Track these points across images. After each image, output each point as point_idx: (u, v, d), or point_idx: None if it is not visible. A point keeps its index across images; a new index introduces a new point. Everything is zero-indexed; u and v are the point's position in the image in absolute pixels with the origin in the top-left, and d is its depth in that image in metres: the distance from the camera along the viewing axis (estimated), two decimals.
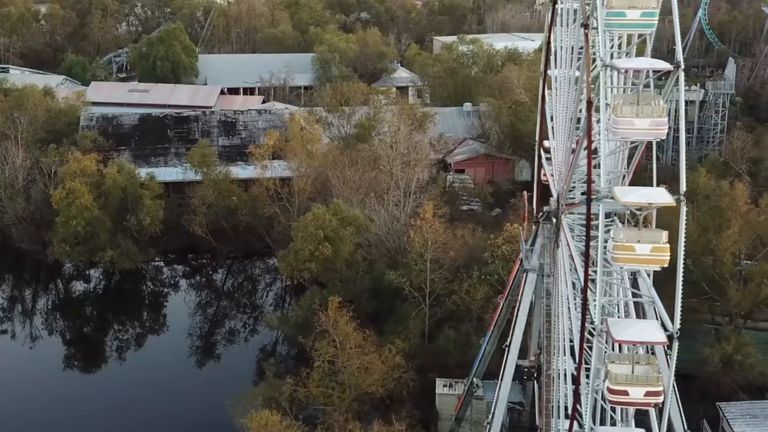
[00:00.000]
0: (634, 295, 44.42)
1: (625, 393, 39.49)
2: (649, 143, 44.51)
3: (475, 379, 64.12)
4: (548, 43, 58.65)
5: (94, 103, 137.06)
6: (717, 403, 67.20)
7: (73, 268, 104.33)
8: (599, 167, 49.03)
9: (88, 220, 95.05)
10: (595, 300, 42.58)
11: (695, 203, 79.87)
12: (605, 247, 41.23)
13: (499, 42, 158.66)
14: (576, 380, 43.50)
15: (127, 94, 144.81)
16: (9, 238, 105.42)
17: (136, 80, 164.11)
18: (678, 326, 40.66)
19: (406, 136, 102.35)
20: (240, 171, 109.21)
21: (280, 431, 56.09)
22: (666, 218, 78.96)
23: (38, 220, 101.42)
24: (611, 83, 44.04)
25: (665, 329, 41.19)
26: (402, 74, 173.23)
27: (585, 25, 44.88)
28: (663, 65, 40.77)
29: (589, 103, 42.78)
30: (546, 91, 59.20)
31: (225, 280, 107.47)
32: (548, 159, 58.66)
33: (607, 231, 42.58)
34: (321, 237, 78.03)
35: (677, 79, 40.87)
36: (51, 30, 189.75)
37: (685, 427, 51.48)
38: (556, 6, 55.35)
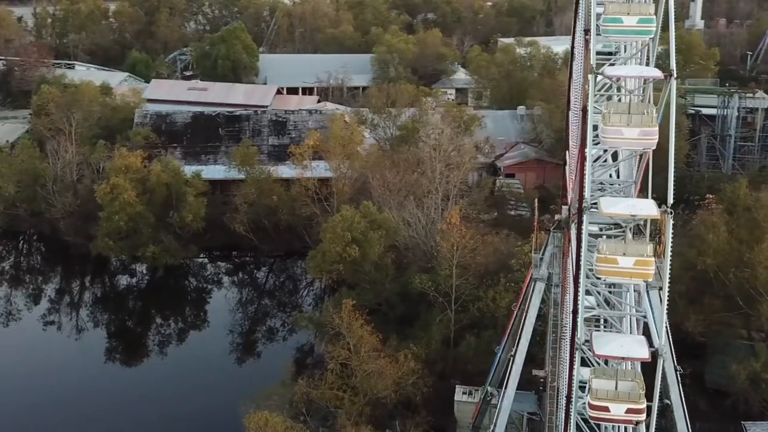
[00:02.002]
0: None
1: (606, 409, 38.40)
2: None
3: (489, 388, 63.31)
4: (572, 47, 57.54)
5: (153, 101, 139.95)
6: (742, 422, 65.23)
7: (118, 263, 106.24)
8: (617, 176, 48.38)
9: (131, 215, 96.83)
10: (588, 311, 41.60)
11: (734, 215, 77.67)
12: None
13: (561, 45, 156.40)
14: (568, 391, 42.64)
15: (185, 92, 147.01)
16: (58, 231, 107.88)
17: (198, 79, 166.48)
18: (663, 342, 39.18)
19: (451, 139, 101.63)
20: (287, 170, 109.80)
21: None
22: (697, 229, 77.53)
23: (85, 214, 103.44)
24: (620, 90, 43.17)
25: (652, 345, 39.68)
26: (462, 76, 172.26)
27: (586, 31, 43.91)
28: (654, 73, 39.57)
29: (584, 110, 41.81)
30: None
31: (266, 279, 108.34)
32: None
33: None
34: (349, 239, 78.00)
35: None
36: (119, 27, 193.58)
37: None
38: (578, 11, 54.21)
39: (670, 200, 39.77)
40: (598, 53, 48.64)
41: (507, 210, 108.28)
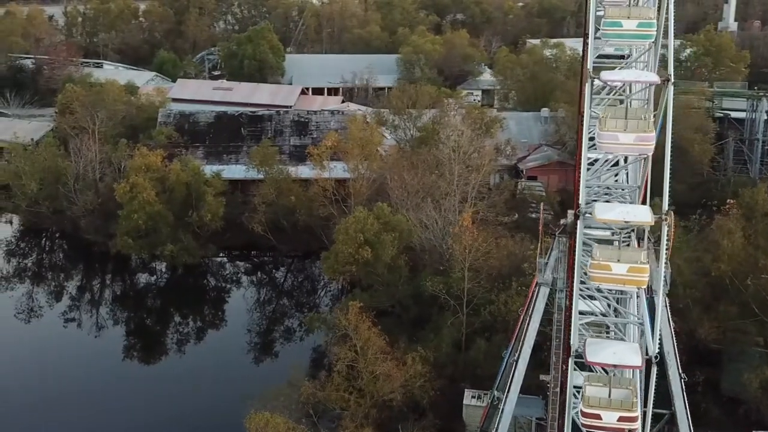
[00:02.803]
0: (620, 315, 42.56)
1: (598, 417, 38.00)
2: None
3: (496, 392, 62.83)
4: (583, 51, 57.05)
5: (178, 100, 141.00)
6: (753, 431, 64.28)
7: (138, 261, 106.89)
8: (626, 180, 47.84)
9: (150, 214, 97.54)
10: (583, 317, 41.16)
11: (753, 221, 76.59)
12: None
13: None
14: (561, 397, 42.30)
15: (210, 91, 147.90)
16: (79, 229, 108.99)
17: (225, 78, 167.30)
18: (656, 350, 38.64)
19: (471, 141, 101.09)
20: (307, 171, 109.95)
21: None
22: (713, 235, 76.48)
23: (106, 212, 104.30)
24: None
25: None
26: (488, 77, 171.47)
27: (585, 35, 43.49)
28: (650, 78, 39.07)
29: (581, 114, 41.39)
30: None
31: (284, 279, 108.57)
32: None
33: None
34: (361, 240, 77.90)
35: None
36: (149, 27, 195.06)
37: None
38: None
39: (665, 206, 39.12)
40: (608, 56, 48.40)
41: (528, 213, 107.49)
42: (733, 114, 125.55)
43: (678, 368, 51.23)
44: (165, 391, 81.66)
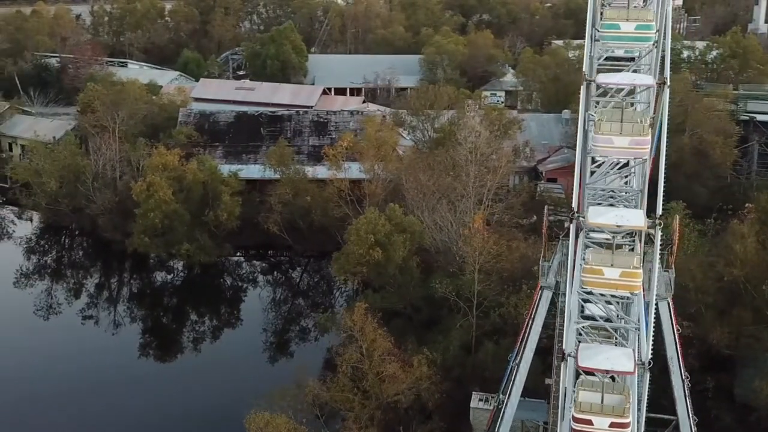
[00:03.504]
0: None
1: (590, 422, 37.61)
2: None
3: (502, 396, 62.54)
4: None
5: (201, 100, 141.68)
6: None
7: (156, 260, 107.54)
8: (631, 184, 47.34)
9: (166, 213, 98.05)
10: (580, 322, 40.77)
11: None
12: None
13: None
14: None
15: (233, 91, 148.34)
16: (98, 227, 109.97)
17: (249, 78, 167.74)
18: (650, 356, 38.18)
19: (489, 143, 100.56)
20: (325, 171, 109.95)
21: None
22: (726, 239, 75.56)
23: (124, 211, 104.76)
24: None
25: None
26: (512, 78, 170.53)
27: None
28: (646, 81, 38.63)
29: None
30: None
31: (300, 279, 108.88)
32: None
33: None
34: (372, 241, 77.78)
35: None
36: (175, 26, 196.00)
37: None
38: None
39: (659, 211, 38.64)
40: (618, 59, 47.92)
41: (547, 215, 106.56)
42: (759, 117, 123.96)
43: (681, 374, 50.87)
44: (178, 388, 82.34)
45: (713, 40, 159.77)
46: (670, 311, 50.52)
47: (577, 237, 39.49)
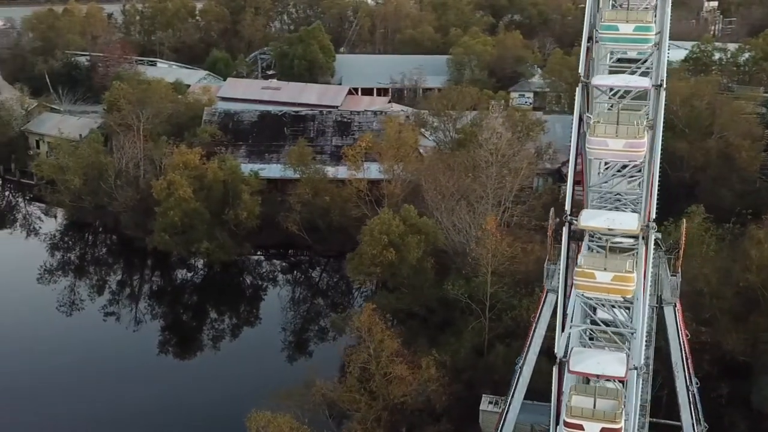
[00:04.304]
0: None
1: (581, 427, 37.22)
2: None
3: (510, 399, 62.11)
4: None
5: (228, 99, 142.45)
6: None
7: (177, 258, 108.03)
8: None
9: (186, 211, 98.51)
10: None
11: None
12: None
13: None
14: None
15: (259, 91, 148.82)
16: (120, 224, 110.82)
17: (276, 78, 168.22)
18: (641, 361, 37.68)
19: (511, 144, 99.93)
20: (346, 171, 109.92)
21: None
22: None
23: (145, 209, 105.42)
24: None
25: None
26: (541, 79, 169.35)
27: (590, 38, 42.70)
28: (641, 84, 38.13)
29: (580, 119, 40.59)
30: None
31: (319, 278, 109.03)
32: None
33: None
34: (385, 242, 77.59)
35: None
36: (205, 26, 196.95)
37: None
38: None
39: (653, 215, 38.12)
40: (629, 60, 47.36)
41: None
42: None
43: (686, 380, 50.21)
44: (194, 385, 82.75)
45: (746, 42, 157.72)
46: (675, 316, 49.83)
47: (569, 239, 38.99)
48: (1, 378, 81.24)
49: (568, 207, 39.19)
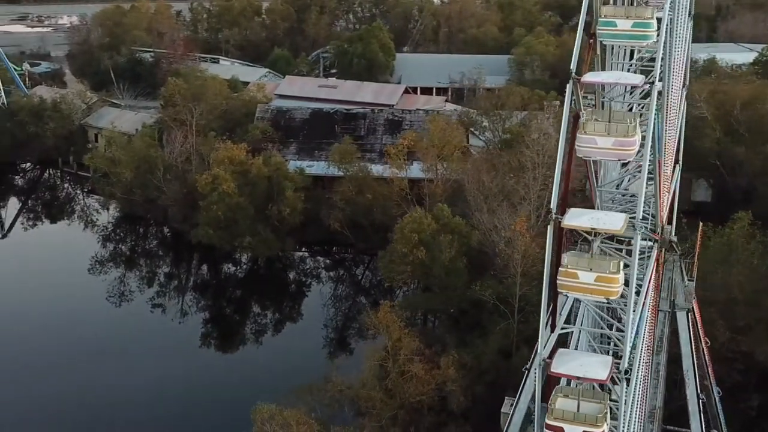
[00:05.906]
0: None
1: (561, 430, 36.38)
2: None
3: (531, 404, 61.10)
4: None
5: (285, 96, 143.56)
6: None
7: (222, 251, 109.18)
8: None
9: (229, 205, 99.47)
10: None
11: None
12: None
13: (704, 52, 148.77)
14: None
15: (316, 89, 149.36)
16: (168, 218, 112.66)
17: (336, 77, 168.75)
18: (627, 366, 36.61)
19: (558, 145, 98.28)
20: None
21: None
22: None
23: (192, 203, 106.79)
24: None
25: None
26: None
27: (591, 35, 41.81)
28: (634, 81, 37.07)
29: (576, 117, 39.65)
30: None
31: (362, 276, 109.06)
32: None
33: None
34: (416, 241, 77.13)
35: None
36: (271, 24, 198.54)
37: None
38: None
39: (639, 215, 37.03)
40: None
41: None
42: None
43: (697, 388, 48.83)
44: (230, 379, 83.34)
45: None
46: (688, 322, 48.44)
47: (554, 239, 38.12)
48: (49, 365, 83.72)
49: (554, 205, 38.22)
